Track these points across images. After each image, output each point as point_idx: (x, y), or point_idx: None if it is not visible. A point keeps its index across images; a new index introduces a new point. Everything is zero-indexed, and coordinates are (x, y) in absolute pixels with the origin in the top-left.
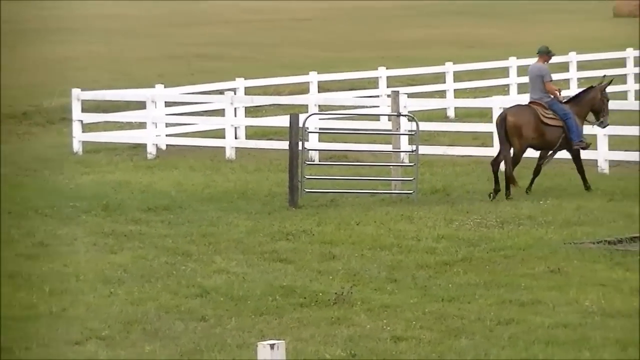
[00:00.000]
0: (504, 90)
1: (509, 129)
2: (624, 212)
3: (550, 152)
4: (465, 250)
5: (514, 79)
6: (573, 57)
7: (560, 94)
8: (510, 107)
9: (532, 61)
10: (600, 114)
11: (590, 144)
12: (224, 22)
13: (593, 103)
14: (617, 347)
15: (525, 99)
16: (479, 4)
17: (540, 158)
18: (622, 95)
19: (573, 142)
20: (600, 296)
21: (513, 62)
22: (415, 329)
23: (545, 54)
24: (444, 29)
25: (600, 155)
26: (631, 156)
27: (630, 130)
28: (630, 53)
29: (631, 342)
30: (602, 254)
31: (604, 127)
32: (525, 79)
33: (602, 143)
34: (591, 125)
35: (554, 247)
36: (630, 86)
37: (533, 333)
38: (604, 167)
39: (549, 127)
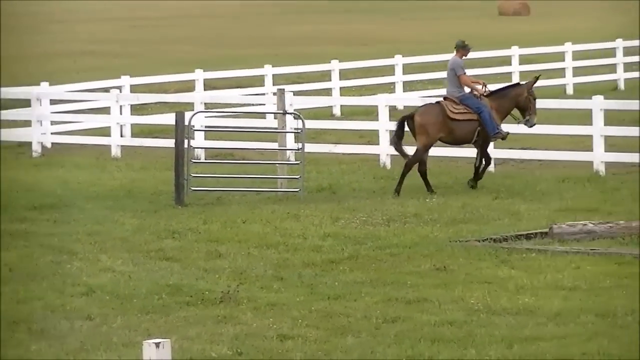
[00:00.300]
0: (389, 88)
1: (417, 129)
2: (509, 210)
3: (478, 149)
4: (351, 249)
5: (399, 77)
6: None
7: (484, 87)
8: (420, 107)
9: (418, 59)
10: (526, 111)
11: (508, 133)
12: (109, 20)
13: (518, 100)
14: (503, 344)
15: (410, 96)
16: (365, 1)
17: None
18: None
19: (489, 135)
20: (486, 294)
21: (399, 60)
22: (302, 327)
23: (461, 47)
24: (330, 26)
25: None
26: (516, 154)
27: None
28: (515, 51)
29: (516, 340)
30: (487, 251)
31: (531, 126)
32: (409, 77)
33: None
34: (517, 123)
35: (439, 245)
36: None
37: (419, 331)
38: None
39: (458, 123)
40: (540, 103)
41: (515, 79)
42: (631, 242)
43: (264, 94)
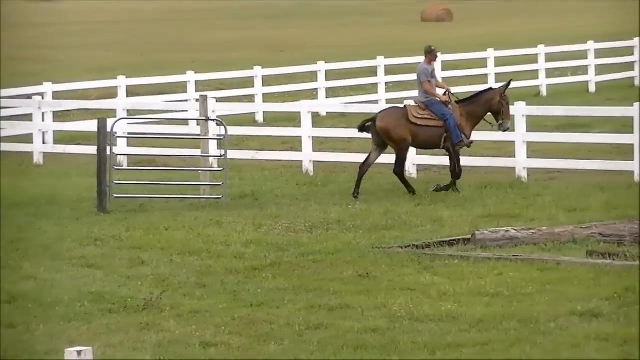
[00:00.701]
0: (312, 94)
1: (380, 133)
2: (431, 217)
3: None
4: (274, 255)
5: (322, 83)
6: (381, 62)
7: (447, 94)
8: (382, 110)
9: (340, 65)
10: (499, 115)
11: (472, 142)
12: (31, 25)
13: (490, 104)
14: (426, 351)
15: (333, 102)
16: (288, 6)
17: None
18: None
19: (454, 143)
20: (409, 300)
21: (321, 66)
22: (225, 335)
23: (428, 53)
24: (251, 32)
25: (408, 159)
26: (439, 160)
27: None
28: (438, 57)
29: (439, 346)
30: (410, 258)
31: (504, 130)
32: (332, 83)
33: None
34: (491, 127)
35: (362, 251)
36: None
37: (342, 338)
38: (411, 171)
39: (422, 128)
40: None
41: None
42: (553, 248)
43: (186, 101)
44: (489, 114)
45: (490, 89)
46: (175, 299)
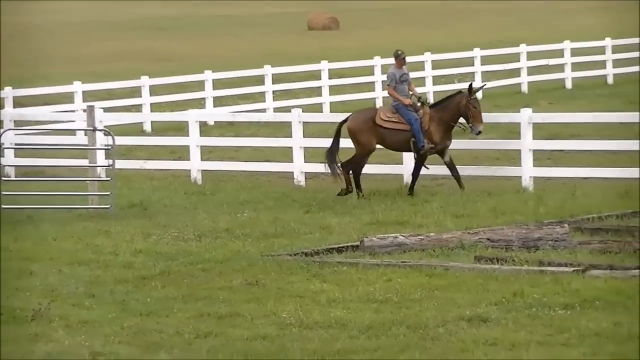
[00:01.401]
0: (200, 103)
1: (348, 134)
2: (320, 224)
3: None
4: (163, 264)
5: (210, 92)
6: (268, 70)
7: (414, 98)
8: (356, 111)
9: (227, 74)
10: (468, 119)
11: (433, 146)
12: None
13: (459, 108)
14: (315, 358)
15: (221, 112)
16: (174, 18)
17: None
18: (317, 108)
19: (417, 147)
20: (298, 307)
21: (209, 76)
22: (114, 344)
23: (395, 57)
24: (139, 43)
25: (296, 167)
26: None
27: None
28: (325, 66)
29: (329, 353)
30: (299, 265)
31: (476, 133)
32: (219, 92)
33: (299, 155)
34: (463, 131)
35: (251, 259)
36: (325, 99)
37: (232, 346)
38: (300, 179)
39: (389, 131)
40: None
41: (325, 94)
42: (442, 253)
43: (74, 111)
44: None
45: (460, 92)
46: (65, 309)
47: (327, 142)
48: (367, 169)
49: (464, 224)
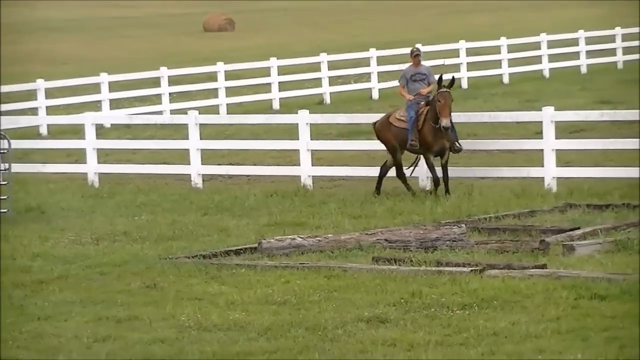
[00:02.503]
0: (96, 106)
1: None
2: (218, 226)
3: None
4: (61, 268)
5: (106, 95)
6: (164, 72)
7: (420, 96)
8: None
9: (124, 76)
10: (436, 114)
11: (416, 146)
12: None
13: (433, 102)
14: (214, 359)
15: (117, 114)
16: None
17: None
18: (214, 110)
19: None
20: (197, 310)
21: (105, 78)
22: (12, 349)
23: (411, 56)
24: (34, 46)
25: (194, 169)
26: (224, 170)
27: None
28: (221, 67)
29: (227, 355)
30: (197, 268)
31: (443, 127)
32: (115, 94)
33: (196, 157)
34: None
35: (149, 262)
36: (222, 100)
37: (131, 349)
38: (197, 181)
39: (398, 130)
40: (249, 118)
41: (222, 95)
42: (340, 255)
43: None
44: None
45: (439, 80)
46: None
47: (224, 144)
48: (265, 170)
49: (362, 225)
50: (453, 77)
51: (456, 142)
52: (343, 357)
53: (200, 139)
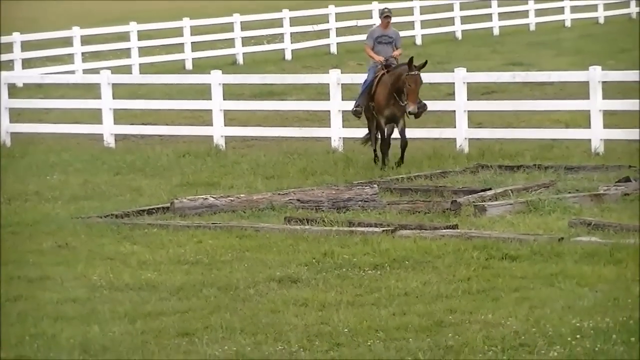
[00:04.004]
0: (8, 65)
1: None
2: (130, 186)
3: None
4: None
5: (18, 54)
6: (77, 32)
7: (391, 60)
8: None
9: (36, 36)
10: (402, 95)
11: (360, 112)
12: None
13: (399, 79)
14: (126, 320)
15: (30, 73)
16: None
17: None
18: (127, 70)
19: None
20: (108, 270)
21: (17, 38)
22: None
23: (380, 16)
24: None
25: (106, 129)
26: (137, 130)
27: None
28: (134, 27)
29: (139, 315)
30: (109, 228)
31: (409, 112)
32: (28, 54)
33: (108, 117)
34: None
35: (61, 222)
36: (135, 60)
37: (42, 309)
38: (109, 141)
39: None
40: (161, 78)
41: (134, 55)
42: (252, 215)
43: None
44: None
45: (409, 62)
46: None
47: (136, 104)
48: (178, 130)
49: (274, 185)
50: (426, 60)
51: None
52: (254, 317)
53: (113, 98)
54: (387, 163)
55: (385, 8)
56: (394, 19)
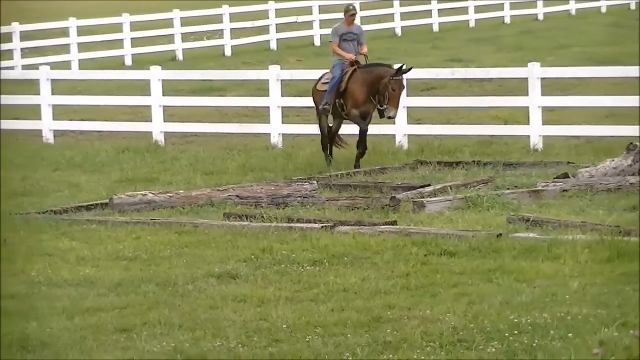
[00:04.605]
0: None
1: None
2: (69, 182)
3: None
4: None
5: None
6: (16, 28)
7: (361, 58)
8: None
9: None
10: (383, 98)
11: (328, 110)
12: None
13: (379, 81)
14: (64, 316)
15: None
16: None
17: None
18: (66, 65)
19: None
20: (47, 266)
21: None
22: None
23: (344, 13)
24: None
25: (45, 125)
26: (76, 125)
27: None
28: (73, 23)
29: (78, 311)
30: (48, 224)
31: (388, 117)
32: None
33: (47, 112)
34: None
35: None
36: (74, 56)
37: None
38: (49, 137)
39: (321, 93)
40: (101, 74)
41: (74, 51)
42: (191, 211)
43: None
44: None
45: (390, 66)
46: None
47: (75, 100)
48: (117, 126)
49: (213, 181)
50: (411, 67)
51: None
52: (193, 313)
53: (52, 94)
54: (331, 161)
55: (351, 5)
56: (334, 15)
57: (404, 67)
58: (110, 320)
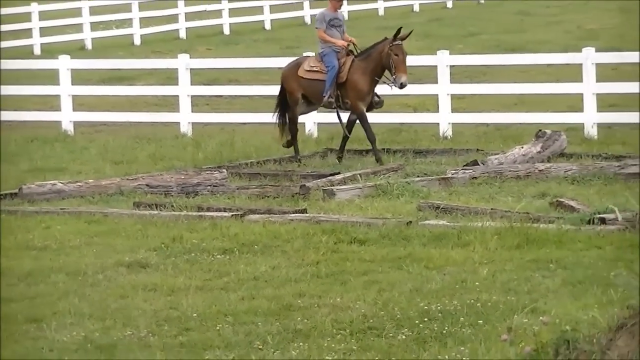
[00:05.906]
0: None
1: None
2: None
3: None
4: None
5: None
6: None
7: (350, 44)
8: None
9: None
10: (391, 69)
11: (332, 102)
12: None
13: (381, 57)
14: None
15: None
16: None
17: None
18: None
19: (321, 96)
20: None
21: None
22: None
23: None
24: None
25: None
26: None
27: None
28: (35, 8)
29: None
30: None
31: (400, 86)
32: None
33: None
34: (389, 86)
35: None
36: (37, 40)
37: None
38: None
39: (309, 81)
40: (9, 64)
41: (36, 35)
42: (101, 200)
43: None
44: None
45: (385, 39)
46: None
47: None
48: (25, 115)
49: (123, 170)
50: (411, 31)
51: (375, 95)
52: (103, 302)
53: None
54: (299, 153)
55: None
56: (242, 4)
57: (401, 31)
58: (21, 311)
